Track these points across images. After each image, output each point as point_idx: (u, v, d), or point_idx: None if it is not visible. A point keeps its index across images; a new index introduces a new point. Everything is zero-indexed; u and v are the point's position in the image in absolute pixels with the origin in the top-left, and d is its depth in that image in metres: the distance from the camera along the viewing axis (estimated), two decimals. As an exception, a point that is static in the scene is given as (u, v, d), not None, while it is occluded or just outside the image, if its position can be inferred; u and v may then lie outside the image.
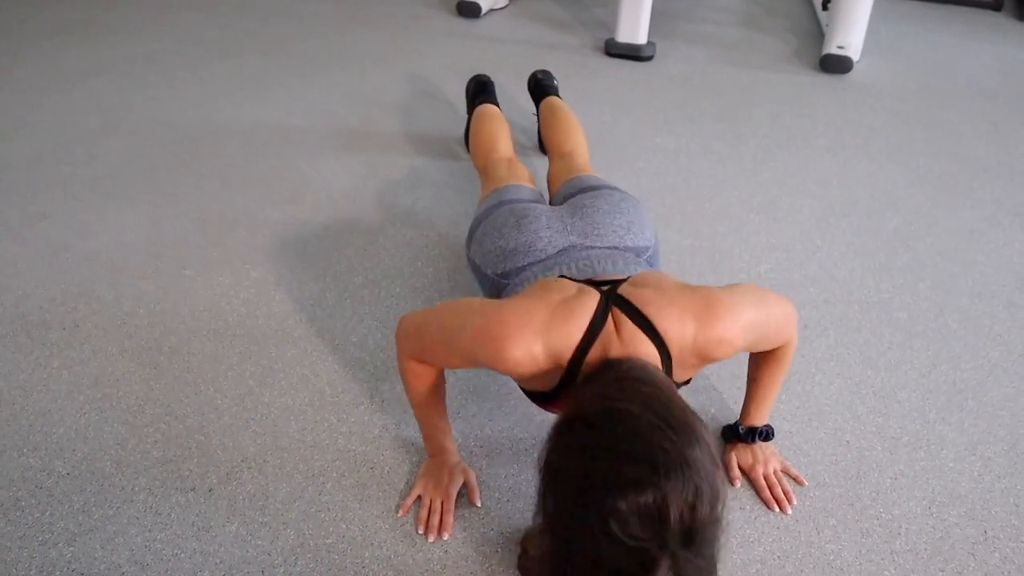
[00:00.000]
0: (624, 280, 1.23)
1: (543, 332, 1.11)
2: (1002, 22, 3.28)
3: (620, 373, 1.05)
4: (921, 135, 2.51)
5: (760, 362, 1.39)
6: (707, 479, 0.88)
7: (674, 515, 0.84)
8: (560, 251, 1.45)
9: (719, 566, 0.92)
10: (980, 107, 2.69)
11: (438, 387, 1.38)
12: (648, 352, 1.12)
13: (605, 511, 0.85)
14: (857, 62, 2.82)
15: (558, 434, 0.99)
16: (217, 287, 1.87)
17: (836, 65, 2.76)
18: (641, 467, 0.87)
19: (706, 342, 1.13)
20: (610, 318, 1.14)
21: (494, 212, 1.58)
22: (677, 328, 1.12)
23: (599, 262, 1.39)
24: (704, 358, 1.16)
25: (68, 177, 2.24)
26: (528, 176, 1.80)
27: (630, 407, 0.95)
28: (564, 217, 1.51)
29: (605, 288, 1.20)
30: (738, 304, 1.16)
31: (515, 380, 1.29)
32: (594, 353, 1.12)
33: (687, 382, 1.28)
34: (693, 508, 0.86)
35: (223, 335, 1.74)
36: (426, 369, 1.33)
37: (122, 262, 1.93)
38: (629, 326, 1.13)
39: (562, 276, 1.34)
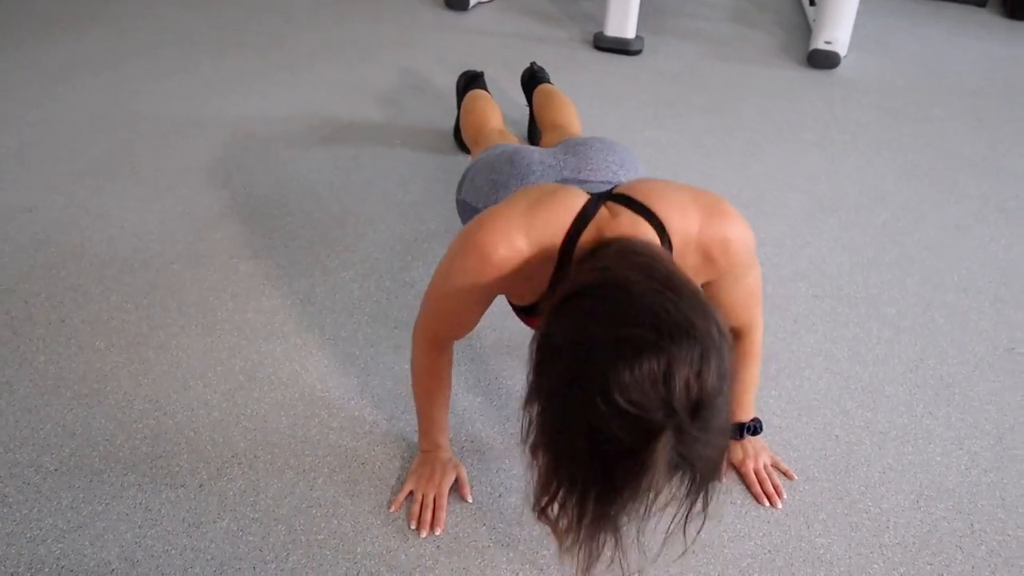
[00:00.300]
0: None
1: (526, 223, 1.07)
2: (987, 18, 3.30)
3: (617, 248, 1.00)
4: (908, 130, 2.53)
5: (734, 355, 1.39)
6: (715, 347, 0.84)
7: (679, 382, 0.80)
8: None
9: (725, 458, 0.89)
10: (966, 103, 2.71)
11: (446, 380, 1.38)
12: (648, 235, 1.07)
13: (606, 377, 0.81)
14: (844, 57, 2.83)
15: (553, 310, 0.94)
16: (205, 282, 1.85)
17: (823, 60, 2.77)
18: (644, 330, 0.82)
19: (711, 238, 1.10)
20: (603, 208, 1.09)
21: (486, 153, 1.57)
22: (680, 218, 1.08)
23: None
24: (705, 256, 1.11)
25: (52, 171, 2.22)
26: (519, 142, 1.80)
27: (629, 275, 0.90)
28: (557, 154, 1.49)
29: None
30: (741, 217, 1.14)
31: (508, 298, 1.26)
32: (587, 236, 1.07)
33: None
34: (699, 375, 0.82)
35: (212, 330, 1.73)
36: (439, 359, 1.34)
37: (108, 257, 1.92)
38: (626, 212, 1.08)
39: None
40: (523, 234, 1.08)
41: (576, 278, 0.97)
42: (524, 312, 1.28)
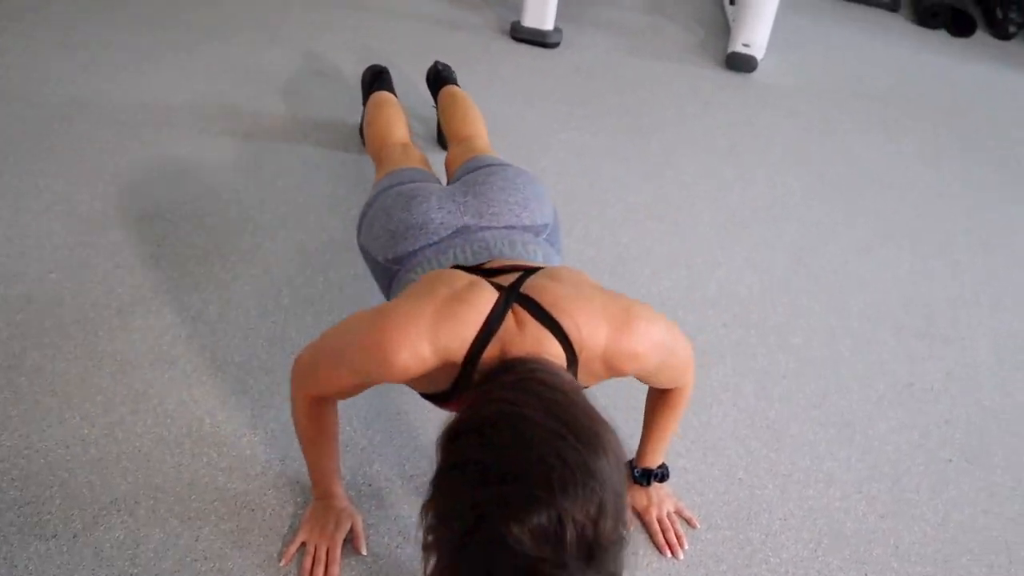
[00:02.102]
0: (529, 272, 1.14)
1: (431, 330, 1.03)
2: (899, 24, 3.34)
3: (521, 374, 0.97)
4: (817, 141, 2.53)
5: (656, 406, 1.36)
6: (612, 491, 0.83)
7: (571, 534, 0.79)
8: (453, 232, 1.37)
9: None
10: (874, 112, 2.73)
11: (332, 429, 1.31)
12: (554, 352, 1.04)
13: (498, 534, 0.79)
14: (761, 60, 2.81)
15: (448, 444, 0.91)
16: (87, 295, 1.72)
17: (741, 64, 2.74)
18: (534, 484, 0.80)
19: (617, 353, 1.07)
20: (510, 315, 1.05)
21: (384, 194, 1.49)
22: (588, 332, 1.05)
23: (495, 244, 1.32)
24: (611, 368, 1.09)
25: (-86, 158, 2.02)
26: (422, 159, 1.72)
27: (529, 413, 0.88)
28: (456, 196, 1.42)
29: (507, 284, 1.10)
30: (654, 320, 1.11)
31: (409, 386, 1.21)
32: (491, 351, 1.04)
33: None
34: (596, 524, 0.80)
35: (93, 352, 1.61)
36: (322, 410, 1.26)
37: (-24, 264, 1.76)
38: (533, 324, 1.04)
39: (456, 266, 1.26)
40: (428, 342, 1.03)
41: (474, 405, 0.94)
42: (424, 396, 1.22)
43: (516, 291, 1.08)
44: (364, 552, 1.34)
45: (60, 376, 1.56)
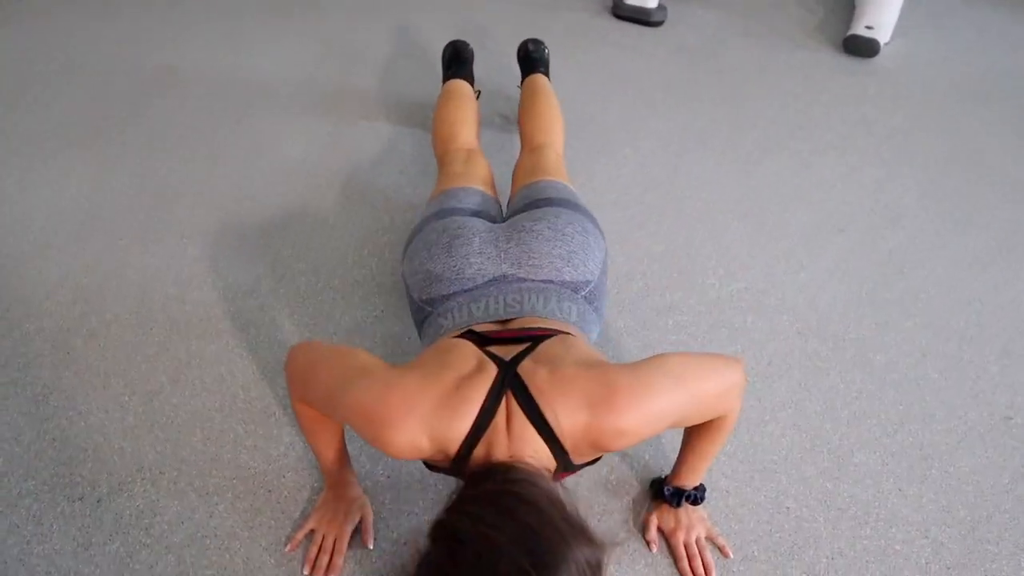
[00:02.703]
0: (539, 341, 1.12)
1: (430, 420, 1.01)
2: (1059, 6, 2.96)
3: (499, 486, 0.96)
4: (939, 139, 2.26)
5: (696, 427, 1.24)
6: None
7: None
8: (489, 281, 1.32)
9: None
10: (1010, 111, 2.40)
11: (335, 424, 1.27)
12: (537, 449, 1.02)
13: None
14: (886, 44, 2.56)
15: (427, 537, 0.92)
16: (150, 264, 1.76)
17: (861, 47, 2.50)
18: None
19: (600, 433, 1.00)
20: (502, 408, 1.03)
21: (430, 224, 1.44)
22: (569, 419, 1.01)
23: (529, 298, 1.28)
24: (600, 447, 1.03)
25: (12, 127, 2.12)
26: (483, 175, 1.64)
27: (498, 538, 0.86)
28: (499, 241, 1.36)
29: (507, 361, 1.08)
30: (645, 392, 1.01)
31: None
32: (480, 450, 1.03)
33: (594, 461, 1.15)
34: None
35: (146, 320, 1.64)
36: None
37: (56, 228, 1.83)
38: (519, 420, 1.03)
39: (470, 332, 1.20)
40: (427, 431, 1.02)
41: (452, 513, 0.93)
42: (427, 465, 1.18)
43: (512, 373, 1.06)
44: (371, 546, 1.30)
45: (112, 342, 1.60)
